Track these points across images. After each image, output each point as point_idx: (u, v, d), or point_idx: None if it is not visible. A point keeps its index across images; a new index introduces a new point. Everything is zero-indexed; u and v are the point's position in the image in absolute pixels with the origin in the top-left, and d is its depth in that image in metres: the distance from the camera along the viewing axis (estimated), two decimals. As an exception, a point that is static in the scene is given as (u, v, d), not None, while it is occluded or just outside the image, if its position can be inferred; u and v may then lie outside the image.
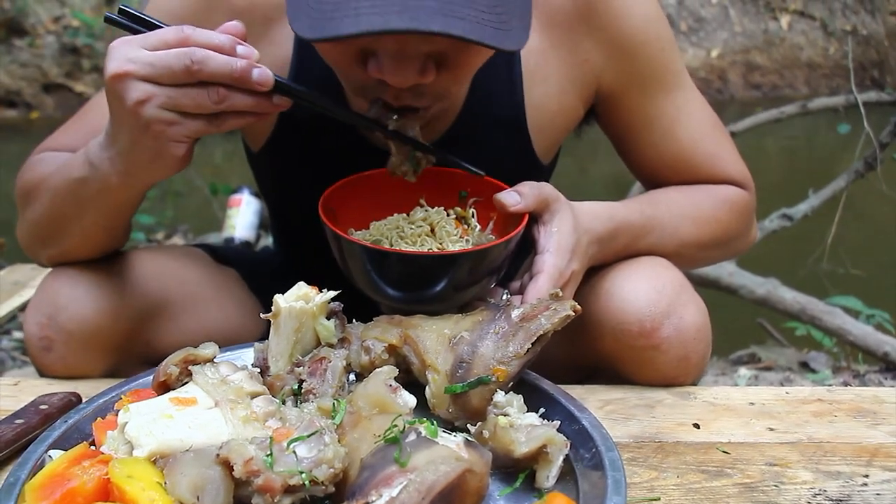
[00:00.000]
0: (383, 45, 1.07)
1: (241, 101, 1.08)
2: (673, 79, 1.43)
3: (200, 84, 1.06)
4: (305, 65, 1.35)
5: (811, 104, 4.21)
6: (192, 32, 1.07)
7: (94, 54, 8.26)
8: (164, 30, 1.08)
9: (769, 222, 3.73)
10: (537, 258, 1.20)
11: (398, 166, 1.24)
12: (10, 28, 8.37)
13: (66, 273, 1.29)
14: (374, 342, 1.11)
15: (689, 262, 1.46)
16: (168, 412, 0.98)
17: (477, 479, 0.85)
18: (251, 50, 1.08)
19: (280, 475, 0.84)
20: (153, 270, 1.37)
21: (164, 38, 1.07)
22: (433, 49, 1.08)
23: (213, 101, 1.07)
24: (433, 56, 1.09)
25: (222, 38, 1.07)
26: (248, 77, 1.06)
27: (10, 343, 3.76)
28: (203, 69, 1.04)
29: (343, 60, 1.14)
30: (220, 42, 1.07)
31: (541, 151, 1.46)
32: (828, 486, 1.05)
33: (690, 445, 1.14)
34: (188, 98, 1.06)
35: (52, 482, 0.89)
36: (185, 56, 1.04)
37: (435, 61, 1.09)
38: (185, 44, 1.06)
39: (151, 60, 1.05)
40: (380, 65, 1.08)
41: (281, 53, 1.35)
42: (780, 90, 10.14)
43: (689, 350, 1.27)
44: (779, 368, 3.56)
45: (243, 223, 3.27)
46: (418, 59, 1.07)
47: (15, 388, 1.29)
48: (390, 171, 1.25)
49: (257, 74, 1.06)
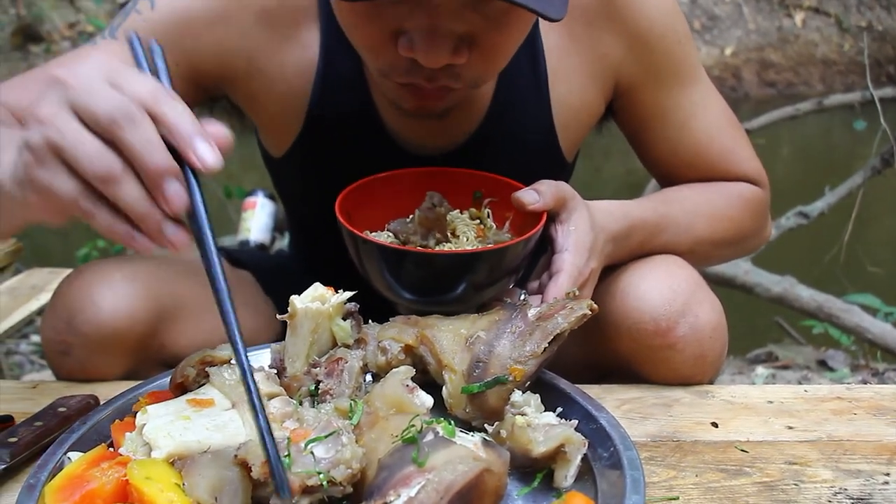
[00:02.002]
0: (416, 22, 1.06)
1: (130, 194, 0.79)
2: (689, 73, 1.43)
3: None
4: (331, 67, 1.34)
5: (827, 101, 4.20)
6: (128, 134, 0.78)
7: (109, 59, 8.30)
8: (112, 101, 0.78)
9: (785, 220, 3.72)
10: (556, 257, 1.20)
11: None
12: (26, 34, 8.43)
13: (82, 277, 1.30)
14: (391, 342, 1.11)
15: (703, 259, 1.45)
16: (186, 414, 0.98)
17: (495, 479, 0.85)
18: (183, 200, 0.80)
19: (298, 476, 0.84)
20: (168, 273, 1.37)
21: (108, 110, 0.78)
22: (466, 30, 1.07)
23: (102, 166, 0.78)
24: (466, 38, 1.08)
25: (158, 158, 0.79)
26: (160, 181, 0.79)
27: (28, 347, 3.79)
28: (123, 135, 0.78)
29: (374, 39, 1.12)
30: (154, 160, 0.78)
31: (566, 149, 1.45)
32: (848, 484, 1.04)
33: (709, 444, 1.13)
34: (83, 148, 0.79)
35: (71, 484, 0.89)
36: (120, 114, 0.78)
37: (468, 43, 1.09)
38: (117, 134, 0.78)
39: (86, 155, 0.78)
40: (412, 43, 1.07)
41: (307, 55, 1.35)
42: (795, 87, 10.10)
43: (706, 349, 1.26)
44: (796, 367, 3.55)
45: (258, 226, 3.27)
46: (451, 38, 1.06)
47: (33, 391, 1.30)
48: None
49: (172, 190, 0.79)
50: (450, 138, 1.39)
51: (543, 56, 1.37)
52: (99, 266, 1.31)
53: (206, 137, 0.81)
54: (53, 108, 0.80)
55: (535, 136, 1.42)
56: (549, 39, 1.37)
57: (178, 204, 0.80)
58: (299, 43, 1.34)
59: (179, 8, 1.30)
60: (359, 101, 1.35)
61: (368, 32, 1.12)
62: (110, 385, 1.27)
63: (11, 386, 1.34)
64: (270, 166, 1.55)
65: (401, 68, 1.13)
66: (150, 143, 0.78)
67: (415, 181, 1.28)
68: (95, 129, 0.78)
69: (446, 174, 1.30)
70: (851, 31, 10.35)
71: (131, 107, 0.78)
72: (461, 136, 1.38)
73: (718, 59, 10.00)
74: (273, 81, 1.35)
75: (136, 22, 1.30)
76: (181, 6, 1.30)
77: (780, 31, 10.31)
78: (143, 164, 0.78)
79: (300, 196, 1.58)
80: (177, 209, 0.80)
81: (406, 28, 1.07)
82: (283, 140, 1.43)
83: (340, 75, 1.34)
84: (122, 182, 0.79)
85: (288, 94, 1.36)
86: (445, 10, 1.04)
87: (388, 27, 1.09)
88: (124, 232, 0.81)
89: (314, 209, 1.53)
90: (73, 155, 0.78)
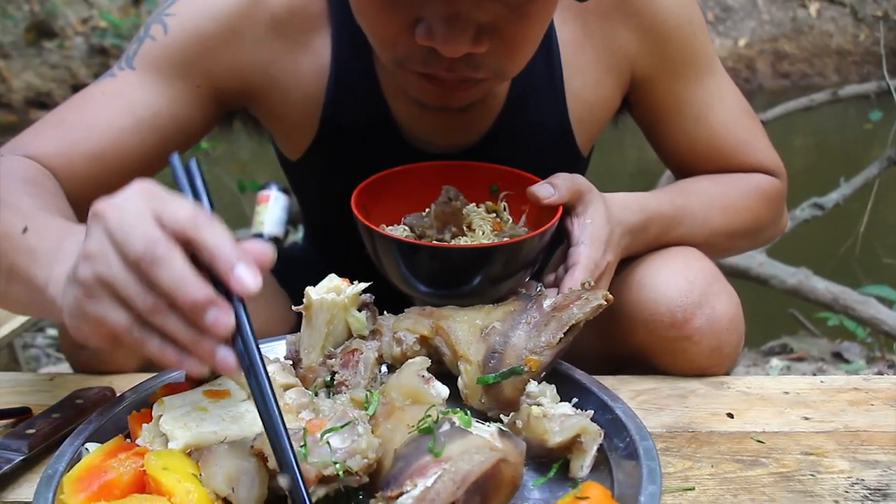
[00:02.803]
0: (435, 10, 1.05)
1: (175, 325, 0.81)
2: (705, 64, 1.42)
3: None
4: (343, 74, 1.34)
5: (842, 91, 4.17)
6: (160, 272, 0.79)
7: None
8: (143, 239, 0.79)
9: (800, 211, 3.70)
10: (572, 250, 1.20)
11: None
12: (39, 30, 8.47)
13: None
14: (406, 333, 1.11)
15: (719, 251, 1.45)
16: (202, 405, 0.99)
17: (511, 469, 0.85)
18: (228, 325, 0.81)
19: (314, 466, 0.84)
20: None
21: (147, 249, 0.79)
22: (487, 19, 1.07)
23: (146, 301, 0.80)
24: (486, 27, 1.07)
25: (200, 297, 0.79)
26: (199, 313, 0.80)
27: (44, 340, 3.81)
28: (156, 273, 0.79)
29: (392, 28, 1.11)
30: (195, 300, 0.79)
31: (582, 144, 1.45)
32: (865, 475, 1.04)
33: (724, 435, 1.13)
34: (128, 283, 0.80)
35: (89, 474, 0.90)
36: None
37: (488, 33, 1.08)
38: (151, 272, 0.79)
39: (132, 289, 0.80)
40: (431, 31, 1.06)
41: (319, 62, 1.34)
42: (810, 79, 10.04)
43: (722, 340, 1.25)
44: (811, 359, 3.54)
45: (272, 219, 3.29)
46: (471, 26, 1.05)
47: (51, 384, 1.30)
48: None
49: (212, 318, 0.80)
50: (464, 136, 1.38)
51: (558, 50, 1.37)
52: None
53: (246, 260, 0.81)
54: (97, 244, 0.82)
55: (551, 131, 1.41)
56: (564, 33, 1.37)
57: (220, 331, 0.80)
58: (312, 49, 1.34)
59: (192, 29, 1.29)
60: (372, 102, 1.35)
61: (386, 21, 1.11)
62: (126, 377, 1.28)
63: (29, 378, 1.34)
64: (287, 168, 1.55)
65: (418, 58, 1.12)
66: (181, 280, 0.79)
67: (430, 175, 1.28)
68: (132, 267, 0.80)
69: (462, 168, 1.30)
70: (867, 20, 10.26)
71: (160, 245, 0.79)
72: (475, 134, 1.38)
73: (732, 50, 9.94)
74: (288, 90, 1.35)
75: (152, 48, 1.30)
76: (193, 27, 1.29)
77: (795, 22, 10.24)
78: (177, 302, 0.79)
79: (317, 197, 1.58)
80: (220, 335, 0.81)
81: (425, 16, 1.06)
82: (298, 144, 1.43)
83: (353, 79, 1.33)
84: (167, 314, 0.80)
85: (303, 100, 1.36)
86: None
87: (406, 15, 1.08)
88: (175, 358, 0.83)
89: (330, 210, 1.53)
90: (120, 289, 0.81)
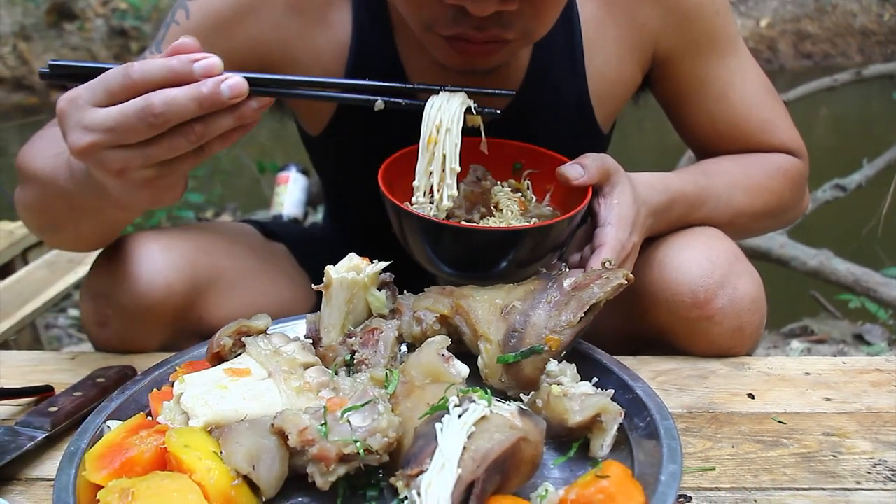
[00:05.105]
0: None
1: (221, 125, 0.97)
2: (727, 43, 1.41)
3: (173, 128, 0.95)
4: (364, 47, 1.34)
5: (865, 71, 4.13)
6: (138, 74, 0.93)
7: (142, 36, 8.42)
8: (107, 76, 0.95)
9: (822, 192, 3.67)
10: (598, 230, 1.19)
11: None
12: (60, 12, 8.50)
13: (120, 249, 1.31)
14: (426, 313, 1.11)
15: (742, 231, 1.43)
16: (223, 383, 0.99)
17: (531, 448, 0.85)
18: (211, 61, 0.95)
19: (335, 444, 0.84)
20: (204, 246, 1.38)
21: (110, 88, 0.95)
22: None
23: (192, 141, 0.96)
24: None
25: (174, 64, 0.94)
26: (220, 97, 0.94)
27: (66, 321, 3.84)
28: (168, 119, 0.93)
29: None
30: (174, 71, 0.94)
31: (602, 121, 1.44)
32: (887, 456, 1.03)
33: (745, 416, 1.12)
34: (166, 150, 0.96)
35: (111, 451, 0.90)
36: (144, 112, 0.93)
37: None
38: (133, 90, 0.94)
39: (110, 125, 0.94)
40: None
41: (339, 37, 1.35)
42: (833, 59, 9.93)
43: (744, 321, 1.25)
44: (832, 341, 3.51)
45: (291, 200, 3.28)
46: None
47: (72, 363, 1.32)
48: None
49: (228, 89, 0.95)
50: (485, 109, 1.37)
51: (580, 27, 1.36)
52: (136, 238, 1.32)
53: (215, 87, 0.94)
54: (114, 162, 0.97)
55: (571, 107, 1.40)
56: (586, 10, 1.36)
57: (240, 90, 0.95)
58: (330, 24, 1.35)
59: (210, 11, 1.32)
60: (392, 76, 1.34)
61: None
62: (147, 356, 1.29)
63: (51, 357, 1.36)
64: (308, 145, 1.56)
65: (447, 19, 1.11)
66: (190, 101, 0.93)
67: None
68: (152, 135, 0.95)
69: (486, 144, 1.29)
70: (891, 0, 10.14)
71: (146, 105, 0.93)
72: (496, 108, 1.37)
73: (754, 30, 9.84)
74: (309, 67, 1.36)
75: (177, 33, 1.32)
76: (212, 9, 1.32)
77: (817, 2, 10.12)
78: (198, 110, 0.94)
79: (338, 171, 1.58)
80: (244, 91, 0.95)
81: None
82: (319, 119, 1.44)
83: (373, 52, 1.33)
84: (208, 129, 0.96)
85: (323, 75, 1.35)
86: None
87: None
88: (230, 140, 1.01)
89: (352, 184, 1.53)
90: (166, 155, 0.97)
